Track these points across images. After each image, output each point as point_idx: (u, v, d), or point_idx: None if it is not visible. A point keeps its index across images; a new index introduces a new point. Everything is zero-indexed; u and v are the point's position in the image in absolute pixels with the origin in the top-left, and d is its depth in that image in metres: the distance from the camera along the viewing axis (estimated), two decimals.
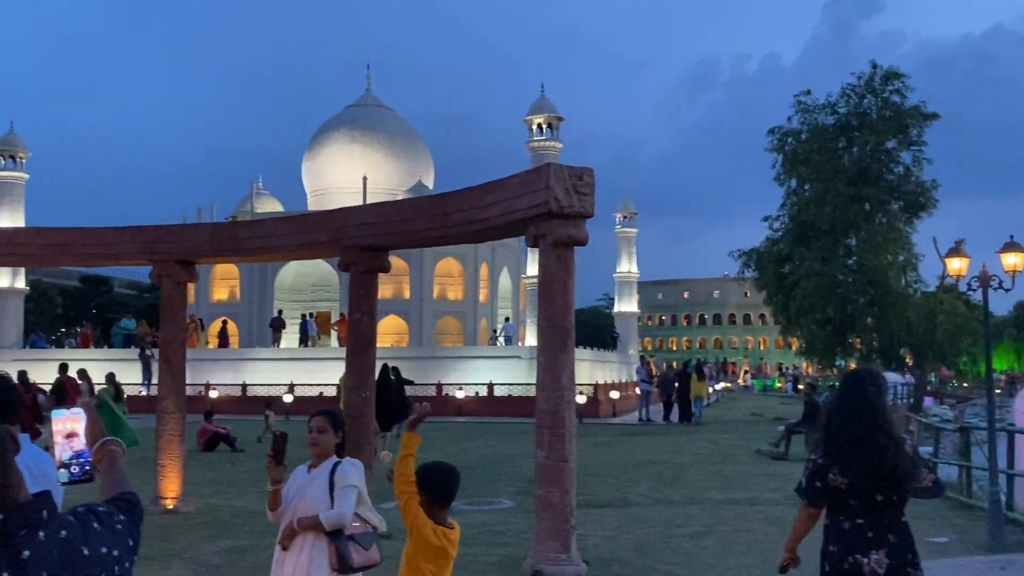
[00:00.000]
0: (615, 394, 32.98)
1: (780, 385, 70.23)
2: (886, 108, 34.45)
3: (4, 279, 39.91)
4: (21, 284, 41.12)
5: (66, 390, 17.66)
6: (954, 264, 13.48)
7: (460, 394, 31.39)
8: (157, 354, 15.08)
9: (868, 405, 4.40)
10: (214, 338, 40.38)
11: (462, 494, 5.16)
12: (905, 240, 35.13)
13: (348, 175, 44.04)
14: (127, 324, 40.00)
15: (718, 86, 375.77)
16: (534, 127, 40.02)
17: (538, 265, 9.12)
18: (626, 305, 51.93)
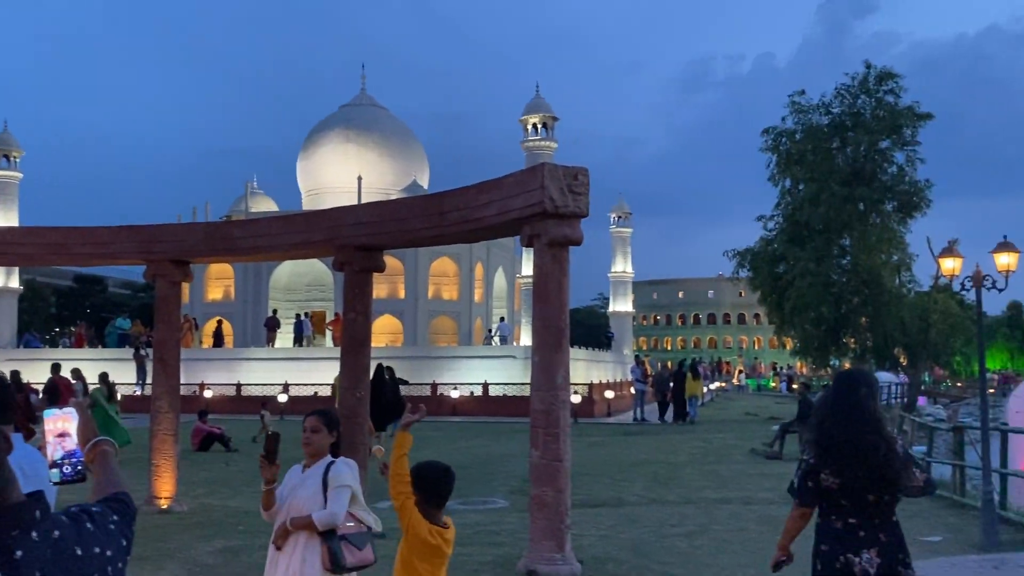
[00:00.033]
0: (610, 394, 33.00)
1: (774, 385, 70.25)
2: (880, 108, 34.54)
3: None
4: (15, 284, 41.02)
5: (58, 390, 17.62)
6: (948, 264, 13.51)
7: (455, 394, 31.38)
8: (151, 354, 15.04)
9: (860, 406, 4.43)
10: (209, 338, 40.30)
11: (457, 494, 5.16)
12: (899, 240, 35.23)
13: (343, 175, 44.02)
14: (122, 324, 39.94)
15: (713, 86, 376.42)
16: (529, 127, 40.02)
17: (533, 265, 9.12)
18: (621, 305, 51.97)
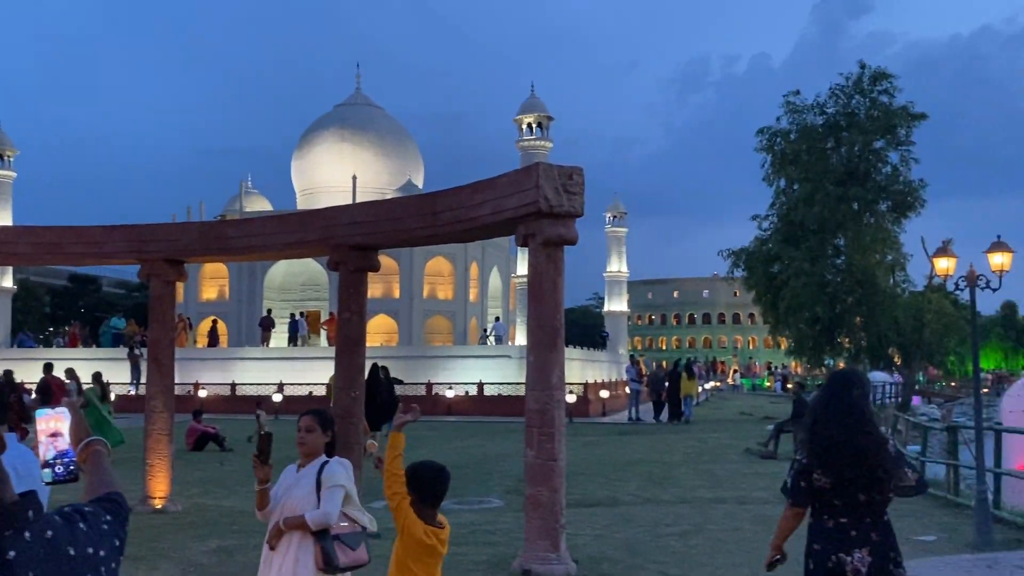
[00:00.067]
0: (605, 393, 33.02)
1: (769, 384, 70.34)
2: (874, 108, 34.64)
3: None
4: (8, 283, 40.92)
5: (51, 390, 17.58)
6: (942, 264, 13.52)
7: (450, 393, 31.37)
8: (146, 353, 15.02)
9: (852, 406, 4.46)
10: (204, 337, 40.25)
11: (452, 493, 5.16)
12: (893, 240, 35.33)
13: (338, 174, 43.98)
14: (117, 323, 39.86)
15: (708, 86, 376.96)
16: (524, 126, 40.02)
17: (528, 264, 9.12)
18: (616, 304, 52.00)
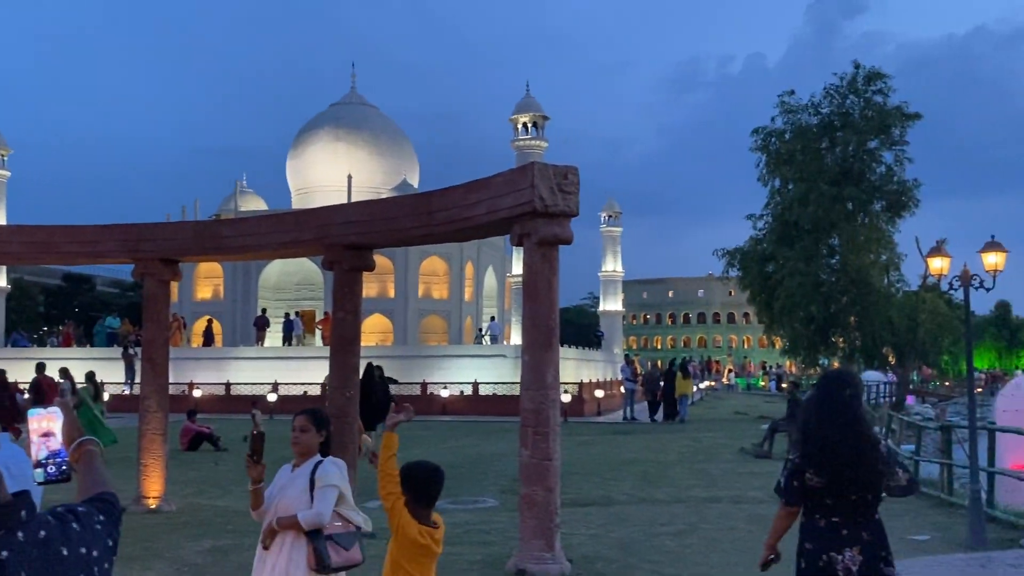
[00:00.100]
0: (600, 393, 33.04)
1: (764, 384, 70.51)
2: (868, 108, 34.70)
3: None
4: (2, 282, 40.82)
5: (43, 389, 17.55)
6: (936, 263, 13.56)
7: (445, 393, 31.37)
8: (140, 353, 14.99)
9: (844, 407, 4.48)
10: (199, 337, 40.19)
11: (446, 493, 5.16)
12: (887, 240, 35.40)
13: (332, 173, 43.93)
14: (112, 323, 39.79)
15: (703, 86, 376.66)
16: (519, 126, 40.01)
17: (523, 264, 9.12)
18: (611, 304, 52.04)
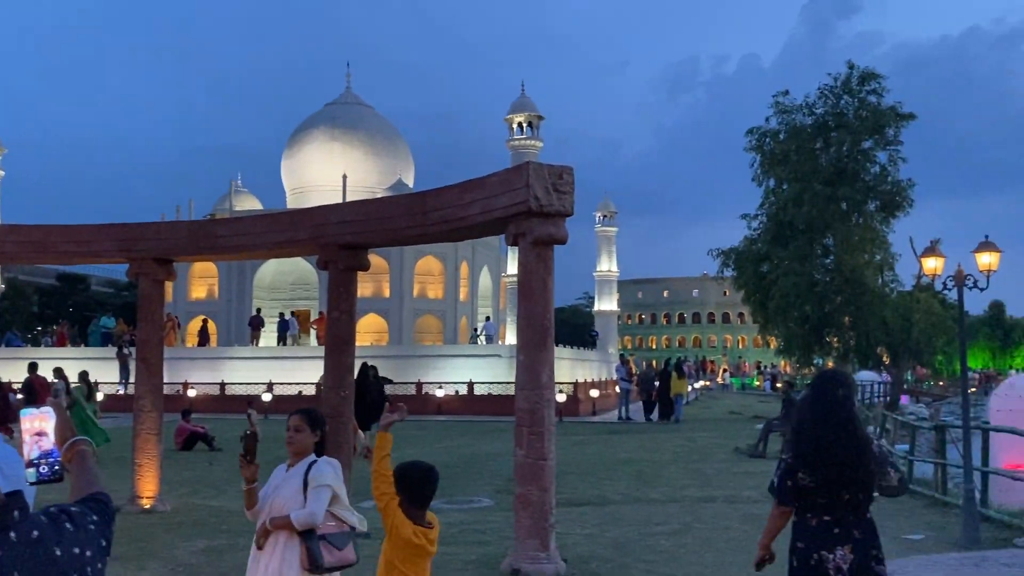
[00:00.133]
0: (595, 392, 33.05)
1: (758, 383, 70.56)
2: (863, 108, 34.77)
3: None
4: None
5: (36, 389, 17.51)
6: (930, 263, 13.57)
7: (440, 393, 31.36)
8: (134, 352, 14.97)
9: (837, 406, 4.51)
10: (194, 336, 40.13)
11: (441, 493, 5.16)
12: (881, 240, 35.48)
13: (327, 173, 43.91)
14: (107, 322, 39.72)
15: (698, 86, 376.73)
16: (514, 126, 40.04)
17: (518, 264, 9.12)
18: (606, 304, 52.11)
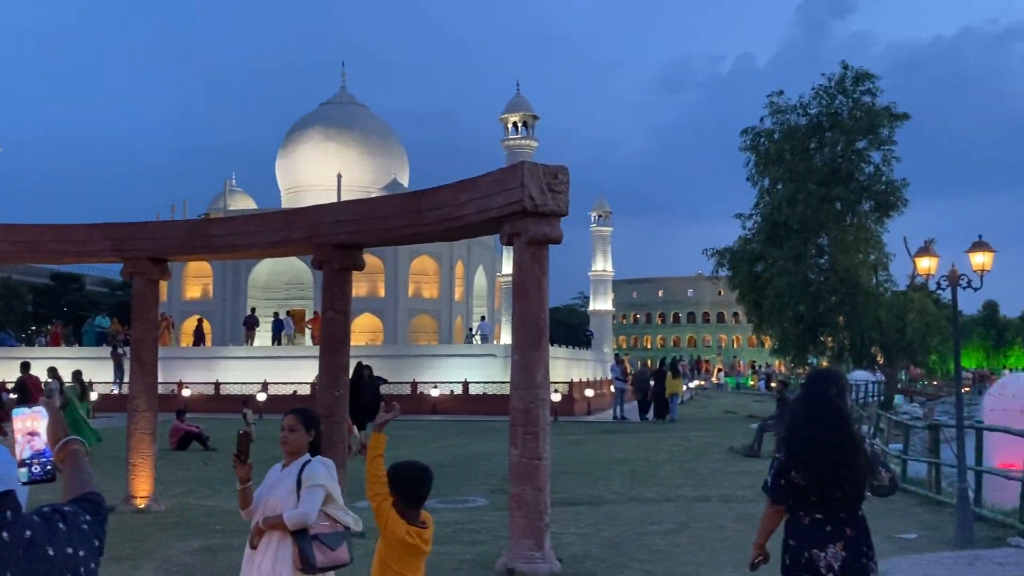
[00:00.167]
0: (590, 392, 33.08)
1: (753, 383, 70.68)
2: (857, 108, 34.82)
3: None
4: None
5: (28, 388, 17.49)
6: (924, 263, 13.60)
7: (435, 392, 31.36)
8: (129, 352, 14.93)
9: (830, 405, 4.53)
10: (190, 336, 40.07)
11: (436, 492, 5.16)
12: (876, 239, 35.55)
13: (322, 173, 43.85)
14: (101, 322, 39.63)
15: (693, 86, 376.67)
16: (509, 125, 40.03)
17: (513, 263, 9.12)
18: (601, 303, 52.12)
